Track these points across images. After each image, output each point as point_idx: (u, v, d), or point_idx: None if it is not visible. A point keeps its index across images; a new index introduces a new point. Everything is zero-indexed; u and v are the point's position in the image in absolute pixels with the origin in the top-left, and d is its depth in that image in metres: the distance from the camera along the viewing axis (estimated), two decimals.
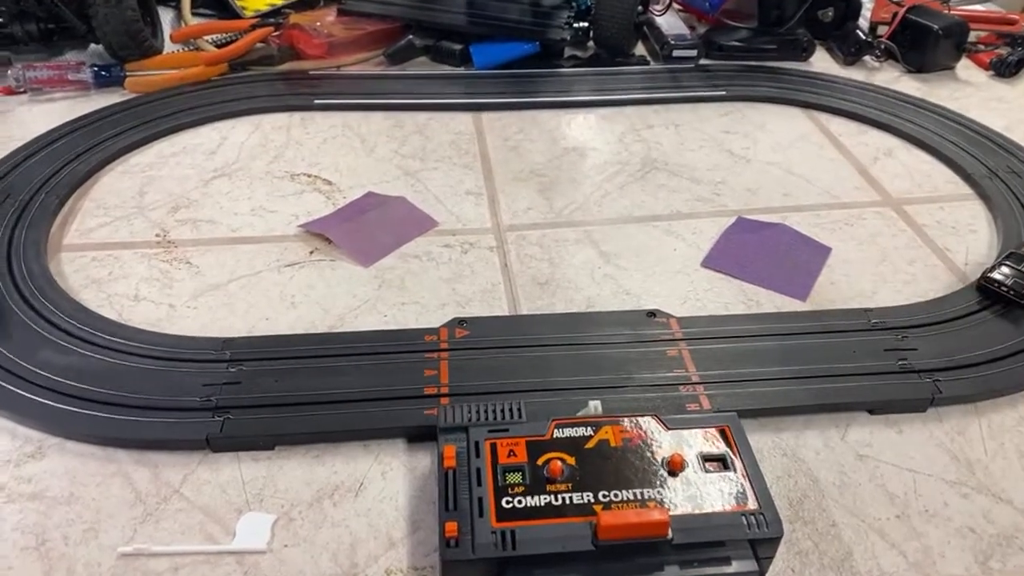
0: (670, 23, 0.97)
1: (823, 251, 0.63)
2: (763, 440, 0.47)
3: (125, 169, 0.71)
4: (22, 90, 0.81)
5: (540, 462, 0.39)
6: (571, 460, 0.39)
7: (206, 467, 0.44)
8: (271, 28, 0.89)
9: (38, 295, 0.54)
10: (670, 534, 0.36)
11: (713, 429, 0.41)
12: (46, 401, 0.46)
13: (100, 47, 0.85)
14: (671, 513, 0.37)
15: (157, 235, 0.62)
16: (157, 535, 0.40)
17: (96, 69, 0.81)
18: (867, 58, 0.96)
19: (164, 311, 0.55)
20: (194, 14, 0.96)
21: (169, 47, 0.90)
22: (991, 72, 0.94)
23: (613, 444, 0.40)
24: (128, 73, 0.82)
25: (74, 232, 0.63)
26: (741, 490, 0.38)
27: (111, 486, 0.42)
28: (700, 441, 0.41)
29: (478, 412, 0.42)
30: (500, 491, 0.38)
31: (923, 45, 0.92)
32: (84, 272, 0.58)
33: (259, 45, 0.88)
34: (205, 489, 0.43)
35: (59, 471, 0.43)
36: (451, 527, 0.36)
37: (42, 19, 0.86)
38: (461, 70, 0.90)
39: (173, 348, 0.50)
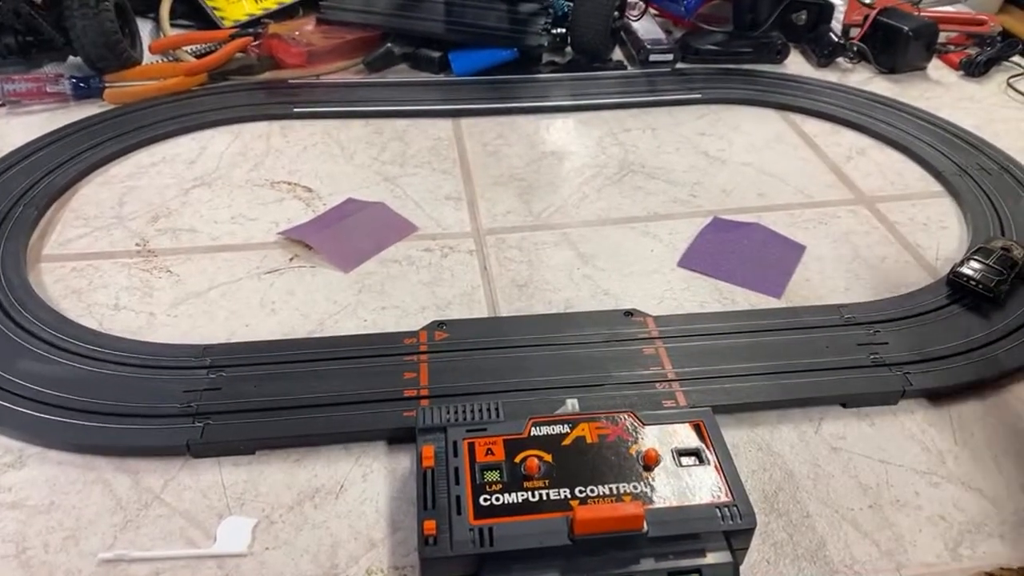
0: (646, 28, 0.98)
1: (797, 249, 0.64)
2: (739, 435, 0.47)
3: (104, 180, 0.71)
4: (0, 103, 0.81)
5: (517, 460, 0.40)
6: (548, 457, 0.40)
7: (187, 473, 0.44)
8: (250, 38, 0.89)
9: (18, 306, 0.54)
10: (645, 527, 0.36)
11: (688, 424, 0.42)
12: (26, 411, 0.46)
13: (79, 59, 0.85)
14: (646, 507, 0.37)
15: (137, 244, 0.63)
16: (138, 541, 0.40)
17: (75, 81, 0.81)
18: (840, 60, 0.97)
19: (144, 319, 0.55)
20: (173, 25, 0.96)
21: (148, 58, 0.90)
22: (961, 72, 0.96)
23: (589, 441, 0.41)
24: (107, 84, 0.82)
25: (53, 243, 0.63)
26: (715, 483, 0.39)
27: (91, 493, 0.43)
28: (675, 436, 0.41)
29: (456, 412, 0.43)
30: (478, 489, 0.38)
31: (894, 46, 0.94)
32: (64, 282, 0.58)
33: (239, 55, 0.88)
34: (186, 495, 0.43)
35: (39, 480, 0.43)
36: (429, 525, 0.37)
37: (20, 32, 0.86)
38: (440, 77, 0.91)
39: (153, 356, 0.50)
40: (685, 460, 0.40)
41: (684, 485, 0.39)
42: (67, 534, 0.40)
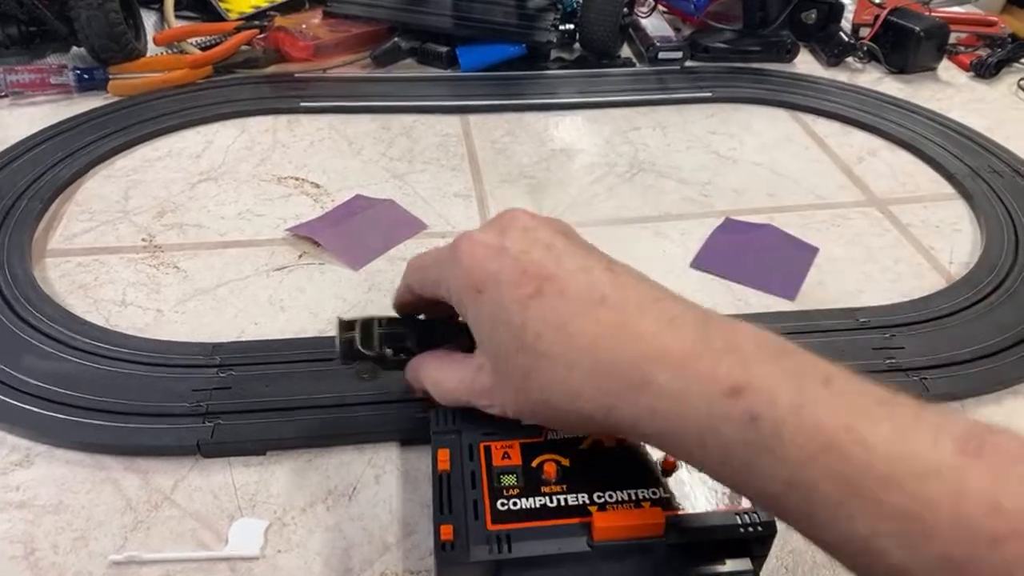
0: (655, 25, 0.97)
1: (810, 251, 0.64)
2: None
3: (109, 173, 0.70)
4: (3, 94, 0.80)
5: (534, 464, 0.39)
6: (565, 461, 0.39)
7: (197, 473, 0.43)
8: (256, 31, 0.89)
9: (23, 301, 0.53)
10: (664, 534, 0.36)
11: None
12: (33, 408, 0.45)
13: (82, 50, 0.84)
14: (665, 513, 0.37)
15: (143, 240, 0.62)
16: (149, 542, 0.40)
17: (79, 72, 0.80)
18: (850, 59, 0.97)
19: (152, 316, 0.54)
20: (178, 16, 0.95)
21: (152, 50, 0.89)
22: (972, 73, 0.96)
23: (607, 445, 0.40)
24: (111, 76, 0.81)
25: (59, 237, 0.62)
26: None
27: (101, 493, 0.42)
28: None
29: (471, 415, 0.42)
30: (495, 493, 0.38)
31: (905, 47, 0.93)
32: (70, 277, 0.58)
33: (244, 48, 0.88)
34: (196, 495, 0.42)
35: (48, 479, 0.43)
36: (446, 530, 0.36)
37: (23, 22, 0.85)
38: (447, 72, 0.90)
39: (162, 354, 0.49)
40: None
41: (703, 491, 0.38)
42: (77, 535, 0.40)
